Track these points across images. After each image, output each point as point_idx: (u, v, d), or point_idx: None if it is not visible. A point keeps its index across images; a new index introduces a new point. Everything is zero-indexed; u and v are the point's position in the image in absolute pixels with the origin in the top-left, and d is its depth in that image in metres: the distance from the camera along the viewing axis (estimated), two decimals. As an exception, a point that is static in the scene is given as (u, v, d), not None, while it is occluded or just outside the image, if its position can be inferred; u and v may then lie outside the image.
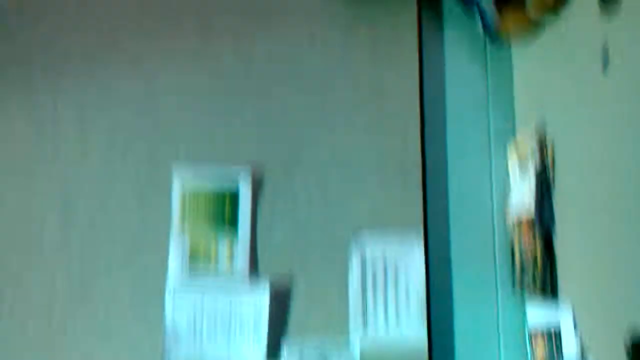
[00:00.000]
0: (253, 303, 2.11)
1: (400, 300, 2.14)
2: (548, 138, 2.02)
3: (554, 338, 1.86)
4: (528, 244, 2.04)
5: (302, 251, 2.18)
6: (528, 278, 2.00)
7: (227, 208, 2.17)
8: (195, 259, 2.14)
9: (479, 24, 2.25)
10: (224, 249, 2.15)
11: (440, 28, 2.37)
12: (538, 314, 1.98)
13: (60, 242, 2.14)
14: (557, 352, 1.84)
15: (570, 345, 1.79)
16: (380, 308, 2.14)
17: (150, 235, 2.15)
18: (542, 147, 2.04)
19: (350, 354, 2.09)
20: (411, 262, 2.17)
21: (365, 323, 2.12)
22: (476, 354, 2.14)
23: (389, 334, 2.12)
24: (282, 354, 2.09)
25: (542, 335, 1.93)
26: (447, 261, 2.19)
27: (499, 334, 2.16)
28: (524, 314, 2.07)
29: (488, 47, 2.34)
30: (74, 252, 2.14)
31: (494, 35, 2.27)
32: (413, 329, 2.11)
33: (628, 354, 1.52)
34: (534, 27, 2.12)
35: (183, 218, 2.16)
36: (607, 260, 1.68)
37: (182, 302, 2.10)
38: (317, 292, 2.14)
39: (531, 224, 2.02)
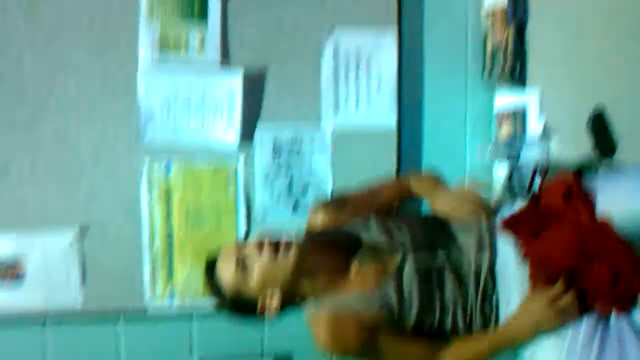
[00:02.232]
0: (226, 87, 2.20)
1: (372, 88, 2.28)
2: None
3: (519, 119, 2.07)
4: (500, 34, 2.16)
5: (275, 44, 2.25)
6: (498, 66, 2.15)
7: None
8: (166, 48, 2.19)
9: None
10: (194, 39, 2.20)
11: None
12: (505, 99, 2.18)
13: (27, 26, 2.13)
14: (521, 131, 2.06)
15: (534, 125, 2.00)
16: (352, 96, 2.28)
17: (120, 25, 2.17)
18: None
19: (322, 135, 2.26)
20: (384, 54, 2.28)
21: (337, 109, 2.27)
22: (443, 136, 2.36)
23: (360, 119, 2.28)
24: (255, 136, 2.24)
25: (508, 116, 2.14)
26: (419, 51, 2.33)
27: (465, 118, 2.38)
28: (492, 99, 2.27)
29: None
30: (43, 32, 2.13)
31: None
32: (383, 115, 2.28)
33: (589, 125, 1.74)
34: None
35: (152, 9, 2.17)
36: (577, 48, 1.84)
37: (154, 85, 2.18)
38: (290, 81, 2.26)
39: (504, 14, 2.14)
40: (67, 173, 2.18)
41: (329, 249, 1.58)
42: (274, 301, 1.54)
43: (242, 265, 1.51)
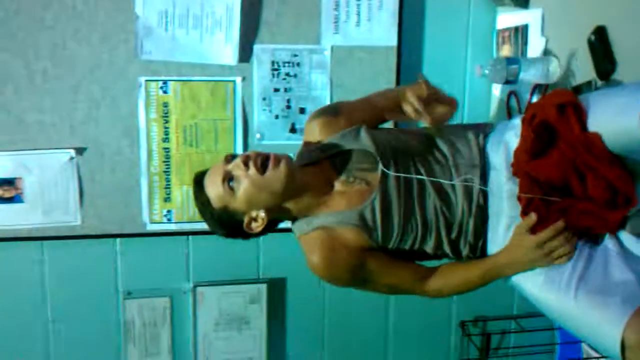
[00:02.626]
0: (225, 3, 2.17)
1: (373, 6, 2.26)
2: None
3: (521, 37, 2.07)
4: (503, -49, 2.14)
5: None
6: (501, -16, 2.13)
7: None
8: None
9: None
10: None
11: None
12: (507, 18, 2.17)
13: None
14: (522, 49, 2.06)
15: (536, 43, 2.01)
16: (353, 14, 2.25)
17: None
18: None
19: (321, 54, 2.26)
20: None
21: (337, 28, 2.25)
22: (443, 55, 2.36)
23: (360, 38, 2.27)
24: (253, 54, 2.23)
25: (509, 36, 2.14)
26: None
27: (467, 36, 2.37)
28: (494, 18, 2.27)
29: None
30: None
31: None
32: (384, 34, 2.27)
33: (589, 45, 1.74)
34: None
35: None
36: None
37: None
38: (289, 1, 2.21)
39: None
40: (63, 91, 2.17)
41: (316, 165, 1.60)
42: (259, 219, 1.57)
43: (228, 180, 1.52)
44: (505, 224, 1.52)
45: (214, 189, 1.54)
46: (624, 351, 1.29)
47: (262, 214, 1.55)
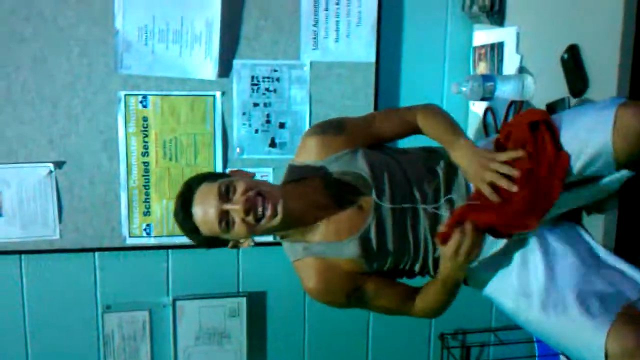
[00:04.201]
0: (205, 17, 2.21)
1: (352, 23, 2.31)
2: None
3: (496, 54, 2.13)
4: (480, -32, 2.19)
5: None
6: (478, 1, 2.18)
7: None
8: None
9: None
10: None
11: None
12: (484, 34, 2.23)
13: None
14: (498, 66, 2.12)
15: (511, 60, 2.07)
16: (332, 31, 2.30)
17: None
18: None
19: (300, 70, 2.30)
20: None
21: (316, 44, 2.30)
22: (421, 71, 2.42)
23: (339, 54, 2.32)
24: (233, 69, 2.27)
25: (486, 51, 2.19)
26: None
27: (445, 53, 2.43)
28: (470, 35, 2.32)
29: None
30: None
31: None
32: (363, 50, 2.32)
33: (562, 63, 1.80)
34: None
35: None
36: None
37: (132, 13, 2.18)
38: (269, 15, 2.26)
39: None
40: (43, 104, 2.20)
41: (308, 186, 1.63)
42: (246, 243, 1.63)
43: (225, 223, 1.53)
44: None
45: (207, 225, 1.55)
46: None
47: (250, 241, 1.63)
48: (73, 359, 2.41)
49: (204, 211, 1.54)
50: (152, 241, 2.34)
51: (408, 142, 1.87)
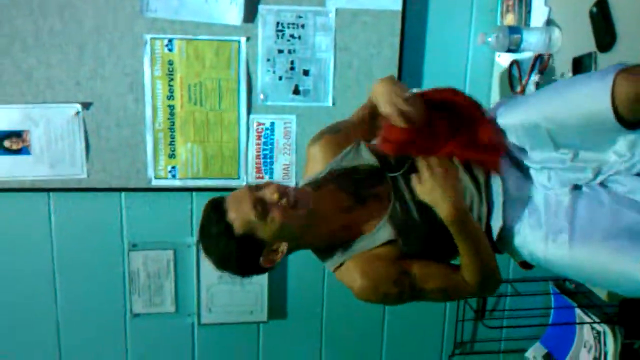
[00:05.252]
0: (230, -38, 2.22)
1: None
2: None
3: (524, 5, 2.10)
4: None
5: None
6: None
7: None
8: None
9: None
10: None
11: None
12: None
13: None
14: (526, 17, 2.10)
15: (539, 12, 2.04)
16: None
17: None
18: None
19: (325, 17, 2.30)
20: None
21: (342, -12, 2.29)
22: (448, 21, 2.41)
23: (365, 3, 2.30)
24: (258, 15, 2.28)
25: (514, 3, 2.17)
26: None
27: (472, 3, 2.41)
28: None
29: None
30: None
31: None
32: (389, 0, 2.30)
33: (591, 16, 1.78)
34: None
35: None
36: None
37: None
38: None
39: None
40: (70, 47, 2.25)
41: (326, 193, 1.61)
42: (279, 252, 1.54)
43: (261, 207, 1.48)
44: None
45: (241, 214, 1.48)
46: None
47: (284, 246, 1.53)
48: (99, 295, 2.52)
49: (235, 203, 1.51)
50: (177, 183, 2.41)
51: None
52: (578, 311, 2.47)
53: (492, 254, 1.60)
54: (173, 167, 2.40)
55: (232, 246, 1.50)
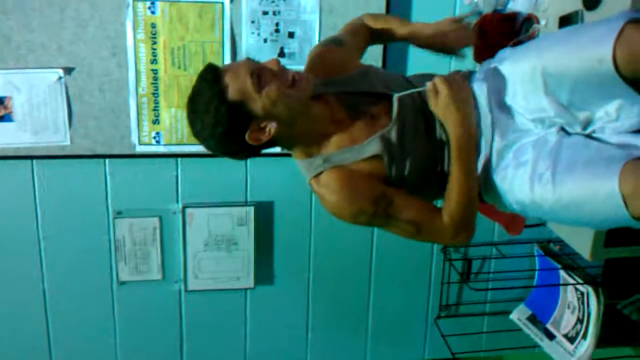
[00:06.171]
0: None
1: None
2: None
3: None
4: None
5: None
6: None
7: None
8: None
9: None
10: None
11: None
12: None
13: None
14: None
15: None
16: None
17: None
18: None
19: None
20: None
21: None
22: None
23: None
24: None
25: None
26: None
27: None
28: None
29: None
30: None
31: None
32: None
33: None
34: None
35: None
36: None
37: None
38: None
39: None
40: (51, 9, 2.20)
41: (322, 98, 1.60)
42: (266, 132, 1.51)
43: (257, 76, 1.46)
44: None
45: (237, 80, 1.46)
46: (628, 208, 1.33)
47: (273, 124, 1.50)
48: (85, 263, 2.51)
49: (233, 69, 1.48)
50: (161, 149, 2.39)
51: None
52: (562, 273, 2.51)
53: (477, 196, 1.60)
54: (157, 133, 2.38)
55: (222, 110, 1.46)
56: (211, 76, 1.48)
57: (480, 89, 1.62)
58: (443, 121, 1.57)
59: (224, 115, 1.47)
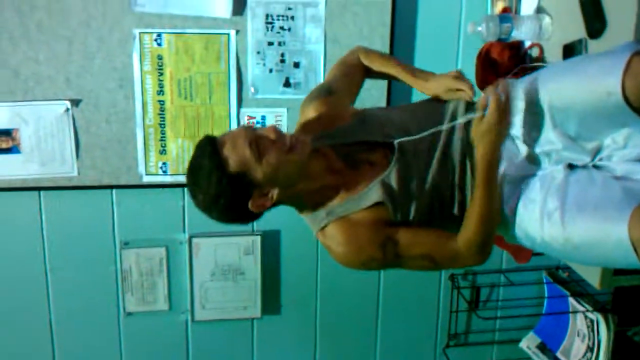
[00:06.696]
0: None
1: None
2: None
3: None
4: None
5: None
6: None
7: None
8: None
9: None
10: None
11: None
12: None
13: None
14: (516, 5, 2.10)
15: (529, 2, 2.05)
16: (348, -34, 2.29)
17: None
18: None
19: (315, 6, 2.29)
20: None
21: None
22: (438, 9, 2.41)
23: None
24: (247, 7, 2.27)
25: (503, -7, 2.19)
26: None
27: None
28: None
29: None
30: None
31: None
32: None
33: (581, 1, 1.79)
34: None
35: None
36: None
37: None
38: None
39: None
40: (58, 42, 2.22)
41: (319, 152, 1.59)
42: (269, 198, 1.51)
43: (256, 145, 1.45)
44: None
45: (236, 151, 1.44)
46: (637, 250, 1.32)
47: (275, 190, 1.50)
48: (93, 293, 2.50)
49: (232, 140, 1.47)
50: (168, 179, 2.40)
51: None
52: (571, 300, 2.48)
53: (498, 219, 1.56)
54: (164, 163, 2.38)
55: (224, 182, 1.45)
56: (210, 149, 1.46)
57: None
58: (477, 142, 1.52)
59: (226, 187, 1.46)
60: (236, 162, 1.44)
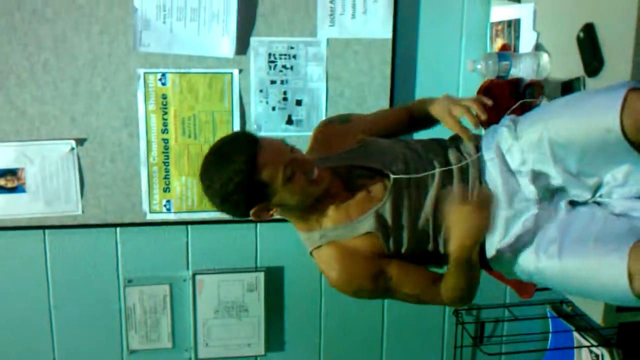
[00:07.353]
0: (222, -3, 2.25)
1: (368, 1, 2.32)
2: None
3: (513, 31, 2.15)
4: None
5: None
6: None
7: None
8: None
9: None
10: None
11: None
12: (501, 11, 2.25)
13: None
14: (515, 43, 2.13)
15: (528, 37, 2.08)
16: (349, 9, 2.32)
17: None
18: None
19: (317, 47, 2.33)
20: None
21: (332, 20, 2.32)
22: (438, 48, 2.44)
23: (356, 31, 2.34)
24: (250, 47, 2.31)
25: (503, 28, 2.21)
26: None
27: (461, 30, 2.44)
28: (488, 11, 2.34)
29: None
30: None
31: None
32: (379, 27, 2.34)
33: (578, 41, 1.81)
34: None
35: None
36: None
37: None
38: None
39: None
40: (64, 82, 2.26)
41: (328, 174, 1.62)
42: (270, 214, 1.57)
43: (290, 171, 1.49)
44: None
45: (272, 166, 1.48)
46: (632, 283, 1.33)
47: (278, 209, 1.58)
48: (96, 331, 2.50)
49: (273, 153, 1.50)
50: (172, 217, 2.41)
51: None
52: (576, 335, 2.47)
53: (478, 282, 1.61)
54: (168, 201, 2.40)
55: (245, 185, 1.48)
56: (249, 150, 1.49)
57: (489, 157, 1.64)
58: (451, 227, 1.52)
59: (245, 189, 1.49)
60: (266, 175, 1.48)
